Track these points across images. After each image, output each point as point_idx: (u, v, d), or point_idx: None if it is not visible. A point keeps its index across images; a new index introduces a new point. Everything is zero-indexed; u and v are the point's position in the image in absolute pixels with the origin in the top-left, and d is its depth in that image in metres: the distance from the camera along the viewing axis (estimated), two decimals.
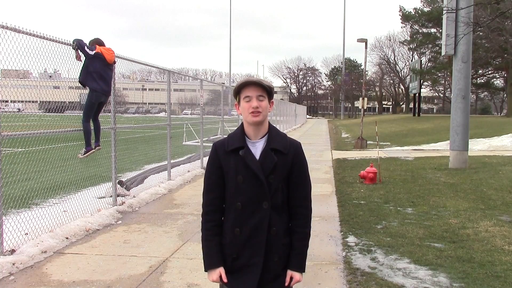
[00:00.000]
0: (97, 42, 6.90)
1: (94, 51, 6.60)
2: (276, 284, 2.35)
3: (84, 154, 7.03)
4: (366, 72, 48.61)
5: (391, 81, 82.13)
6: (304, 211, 2.39)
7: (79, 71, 6.68)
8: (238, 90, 2.35)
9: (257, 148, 2.33)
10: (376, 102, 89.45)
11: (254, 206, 2.30)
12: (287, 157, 2.32)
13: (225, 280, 2.35)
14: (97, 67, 6.66)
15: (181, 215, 7.35)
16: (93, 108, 6.88)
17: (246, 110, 2.31)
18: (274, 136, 2.35)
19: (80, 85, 6.77)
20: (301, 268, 2.39)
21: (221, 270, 2.37)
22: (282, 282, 2.36)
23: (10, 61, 5.23)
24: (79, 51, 6.53)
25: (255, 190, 2.29)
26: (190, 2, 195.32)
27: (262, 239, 2.30)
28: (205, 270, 2.43)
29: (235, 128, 2.48)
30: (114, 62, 7.16)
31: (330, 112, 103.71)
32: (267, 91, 2.33)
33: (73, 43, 6.46)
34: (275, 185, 2.30)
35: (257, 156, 2.31)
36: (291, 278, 2.37)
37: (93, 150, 7.09)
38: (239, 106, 2.38)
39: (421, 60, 49.08)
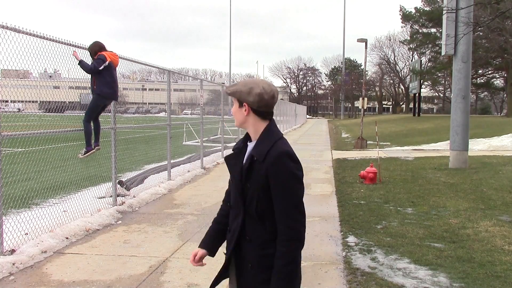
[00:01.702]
0: (100, 47, 6.77)
1: (107, 62, 6.50)
2: None
3: (84, 154, 7.01)
4: (366, 72, 48.63)
5: (391, 81, 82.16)
6: (282, 227, 2.13)
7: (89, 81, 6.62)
8: None
9: (248, 151, 2.29)
10: (376, 102, 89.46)
11: (236, 210, 2.27)
12: (262, 165, 2.15)
13: (191, 261, 2.43)
14: (107, 74, 6.62)
15: (181, 215, 7.35)
16: (96, 110, 6.86)
17: None
18: (261, 140, 2.21)
19: (91, 93, 6.70)
20: None
21: (199, 252, 2.43)
22: None
23: (10, 61, 5.23)
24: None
25: (235, 194, 2.27)
26: (190, 2, 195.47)
27: (233, 243, 2.25)
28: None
29: (235, 128, 2.48)
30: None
31: (330, 112, 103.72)
32: (235, 96, 2.26)
33: (79, 64, 6.40)
34: (251, 193, 2.18)
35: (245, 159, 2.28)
36: None
37: (93, 151, 7.08)
38: None
39: (421, 60, 49.06)
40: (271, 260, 2.15)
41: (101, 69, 6.47)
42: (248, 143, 2.31)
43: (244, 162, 2.25)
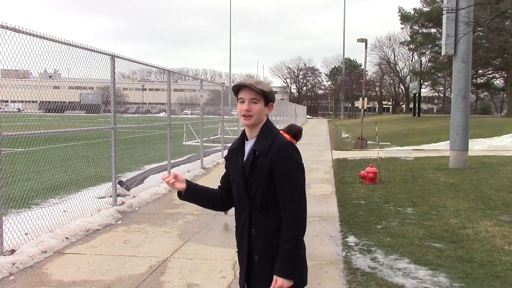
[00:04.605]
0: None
1: None
2: (260, 284, 2.33)
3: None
4: (366, 72, 48.64)
5: (391, 81, 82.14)
6: (288, 213, 2.25)
7: None
8: (235, 92, 2.38)
9: (247, 148, 2.38)
10: (376, 102, 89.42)
11: (241, 206, 2.39)
12: (266, 157, 2.27)
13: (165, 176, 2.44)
14: None
15: (181, 215, 7.34)
16: None
17: (239, 112, 2.34)
18: (262, 136, 2.33)
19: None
20: (284, 274, 2.22)
21: (181, 177, 2.46)
22: (266, 284, 2.28)
23: (10, 61, 5.23)
24: None
25: (238, 190, 2.38)
26: (191, 3, 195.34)
27: (245, 239, 2.35)
28: None
29: (235, 128, 2.52)
30: None
31: (330, 112, 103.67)
32: (262, 94, 2.30)
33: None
34: (255, 186, 2.29)
35: (245, 157, 2.37)
36: (276, 282, 2.25)
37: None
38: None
39: (421, 60, 49.04)
40: (276, 250, 2.26)
41: None
42: (245, 142, 2.40)
43: (245, 158, 2.35)
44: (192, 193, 2.48)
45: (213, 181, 10.64)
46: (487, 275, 4.58)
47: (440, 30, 26.63)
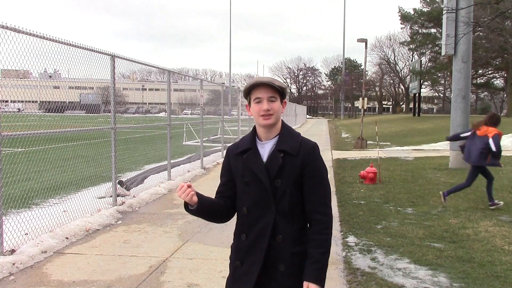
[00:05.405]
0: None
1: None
2: None
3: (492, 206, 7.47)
4: (366, 72, 48.65)
5: (391, 81, 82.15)
6: (320, 217, 2.16)
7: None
8: (249, 91, 2.21)
9: (265, 149, 2.21)
10: (376, 102, 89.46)
11: (259, 211, 2.18)
12: (296, 158, 2.15)
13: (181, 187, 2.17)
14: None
15: (181, 215, 7.34)
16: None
17: (256, 112, 2.17)
18: (285, 136, 2.20)
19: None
20: (317, 279, 2.12)
21: (194, 189, 2.19)
22: None
23: (10, 61, 5.23)
24: None
25: (259, 194, 2.17)
26: (191, 4, 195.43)
27: (263, 247, 2.16)
28: None
29: (235, 128, 2.46)
30: None
31: (330, 112, 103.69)
32: (279, 91, 2.19)
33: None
34: (282, 189, 2.15)
35: (265, 158, 2.19)
36: None
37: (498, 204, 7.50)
38: (250, 107, 2.24)
39: (421, 60, 49.06)
40: (302, 257, 2.16)
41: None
42: (259, 142, 2.24)
43: (266, 159, 2.18)
44: (203, 206, 2.24)
45: (213, 181, 10.68)
46: (487, 275, 4.58)
47: (440, 30, 26.65)
